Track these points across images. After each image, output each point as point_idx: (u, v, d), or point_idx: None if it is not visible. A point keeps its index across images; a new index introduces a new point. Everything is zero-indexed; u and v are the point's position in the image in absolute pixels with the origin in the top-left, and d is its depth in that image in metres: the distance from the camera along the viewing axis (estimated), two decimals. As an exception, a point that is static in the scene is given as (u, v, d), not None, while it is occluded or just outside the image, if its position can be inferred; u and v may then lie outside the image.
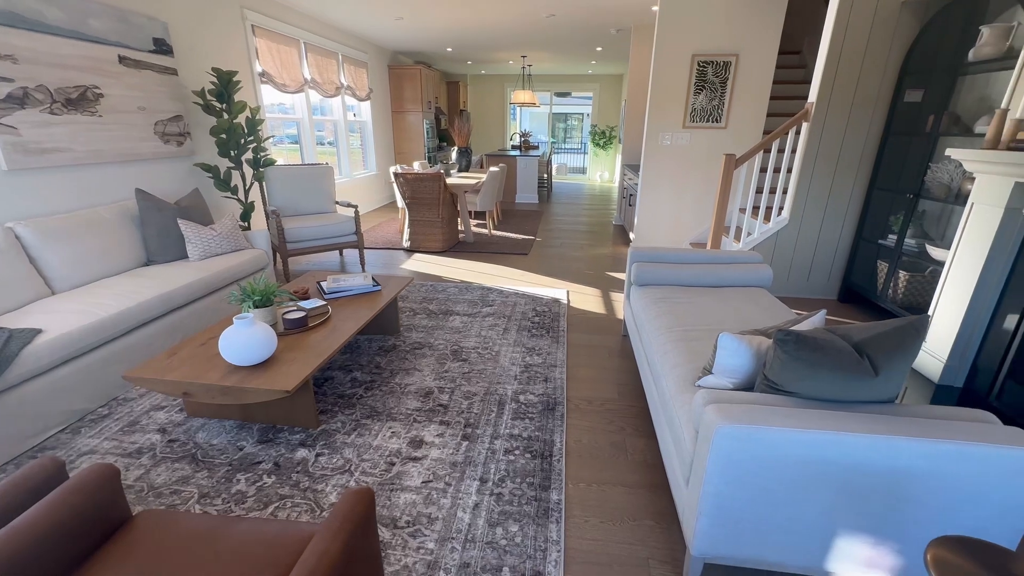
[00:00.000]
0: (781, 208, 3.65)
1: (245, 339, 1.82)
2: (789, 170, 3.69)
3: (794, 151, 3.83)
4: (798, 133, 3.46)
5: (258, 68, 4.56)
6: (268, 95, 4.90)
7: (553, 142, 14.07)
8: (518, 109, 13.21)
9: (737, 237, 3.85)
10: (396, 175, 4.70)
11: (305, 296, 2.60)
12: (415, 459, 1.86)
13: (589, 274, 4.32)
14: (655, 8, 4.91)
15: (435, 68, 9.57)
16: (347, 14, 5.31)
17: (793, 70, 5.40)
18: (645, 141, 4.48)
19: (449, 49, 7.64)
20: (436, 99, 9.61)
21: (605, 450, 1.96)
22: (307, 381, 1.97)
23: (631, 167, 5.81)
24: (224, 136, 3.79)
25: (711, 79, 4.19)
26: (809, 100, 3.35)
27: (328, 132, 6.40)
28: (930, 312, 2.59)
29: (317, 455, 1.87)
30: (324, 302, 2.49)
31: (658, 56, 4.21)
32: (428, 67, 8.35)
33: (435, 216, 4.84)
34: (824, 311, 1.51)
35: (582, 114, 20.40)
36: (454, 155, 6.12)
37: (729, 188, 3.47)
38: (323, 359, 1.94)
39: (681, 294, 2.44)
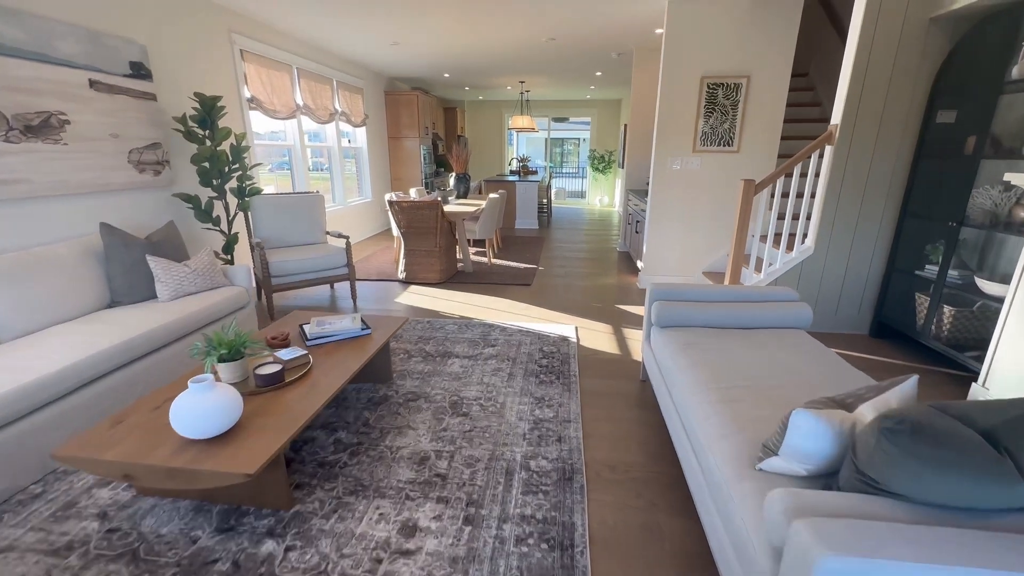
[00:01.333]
0: (805, 236, 3.40)
1: (202, 407, 1.51)
2: (812, 195, 3.45)
3: (817, 175, 3.60)
4: (821, 156, 3.24)
5: (246, 94, 4.35)
6: (258, 121, 4.69)
7: (551, 167, 14.00)
8: (515, 134, 13.18)
9: (758, 268, 3.58)
10: (391, 203, 4.46)
11: (285, 343, 2.29)
12: (407, 553, 1.52)
13: (597, 307, 4.04)
14: (659, 31, 4.77)
15: (432, 94, 9.49)
16: (341, 40, 5.16)
17: (801, 92, 5.25)
18: (653, 166, 4.26)
19: (446, 75, 7.53)
20: (433, 125, 9.50)
21: (636, 535, 1.63)
22: (277, 457, 1.65)
23: (636, 193, 5.59)
24: (206, 164, 3.54)
25: (721, 101, 4.00)
26: (833, 122, 3.13)
27: (324, 158, 6.19)
28: (989, 352, 2.30)
29: (287, 549, 1.53)
30: (305, 351, 2.18)
31: (666, 79, 4.03)
32: (425, 93, 8.25)
33: (432, 246, 4.58)
34: (916, 377, 1.21)
35: (579, 139, 20.55)
36: (452, 181, 5.90)
37: (748, 215, 3.22)
38: (297, 428, 1.62)
39: (710, 339, 2.14)
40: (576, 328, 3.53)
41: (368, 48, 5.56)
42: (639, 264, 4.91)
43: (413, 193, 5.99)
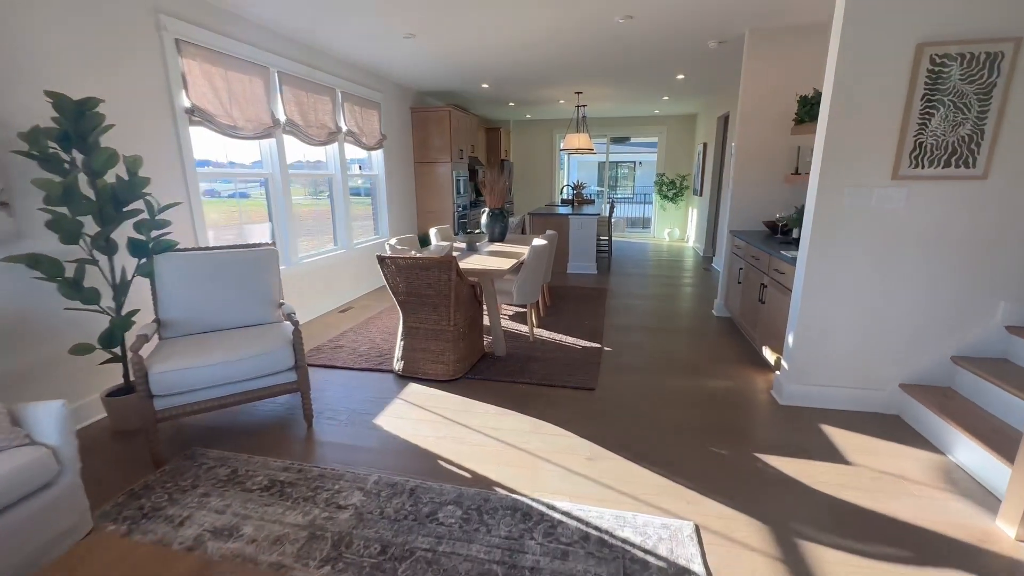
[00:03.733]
0: None
1: None
2: None
3: None
4: None
5: (185, 102, 3.03)
6: (211, 143, 3.38)
7: (610, 193, 12.37)
8: (567, 157, 11.66)
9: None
10: (382, 260, 2.93)
11: None
12: None
13: (719, 456, 2.25)
14: (804, -9, 3.05)
15: (472, 112, 8.16)
16: (337, 31, 3.82)
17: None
18: (814, 202, 2.49)
19: (485, 86, 6.11)
20: (472, 148, 8.13)
21: None
22: None
23: (747, 236, 3.78)
24: (67, 208, 2.17)
25: (957, 87, 2.20)
26: None
27: (325, 185, 4.86)
28: None
29: None
30: None
31: (846, 56, 2.29)
32: (462, 111, 6.88)
33: (443, 323, 2.99)
34: None
35: (634, 162, 18.84)
36: (484, 220, 4.34)
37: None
38: None
39: None
40: (696, 529, 1.77)
41: (377, 45, 4.21)
42: (767, 354, 3.07)
43: (433, 236, 4.50)
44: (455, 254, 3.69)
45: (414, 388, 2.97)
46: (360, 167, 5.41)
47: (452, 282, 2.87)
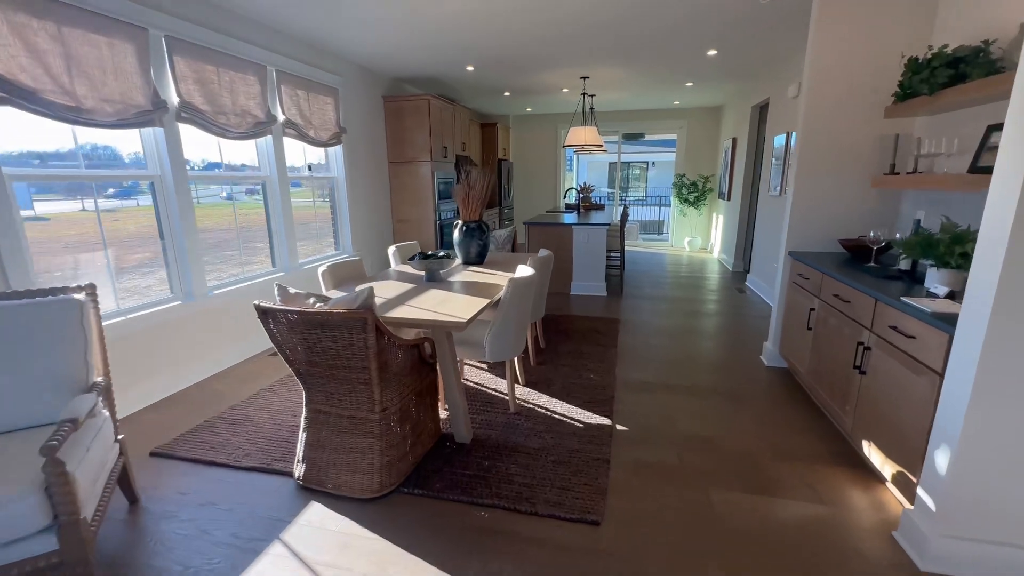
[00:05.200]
0: None
1: None
2: None
3: None
4: None
5: (-27, 67, 2.00)
6: (27, 128, 2.34)
7: (623, 197, 11.27)
8: (575, 157, 10.55)
9: None
10: (264, 313, 1.85)
11: None
12: None
13: None
14: None
15: (462, 105, 7.10)
16: (248, -19, 2.77)
17: None
18: (1011, 220, 1.36)
19: (470, 68, 5.04)
20: (464, 146, 7.07)
21: None
22: None
23: (813, 262, 2.63)
24: None
25: None
26: None
27: (259, 189, 3.81)
28: None
29: None
30: None
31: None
32: (447, 101, 5.81)
33: (363, 407, 1.92)
34: None
35: (647, 162, 17.63)
36: (455, 235, 3.26)
37: None
38: None
39: None
40: None
41: (327, 15, 3.16)
42: (872, 457, 1.92)
43: (392, 258, 3.42)
44: (402, 290, 2.60)
45: (316, 512, 1.88)
46: (311, 168, 4.36)
47: (371, 348, 1.78)
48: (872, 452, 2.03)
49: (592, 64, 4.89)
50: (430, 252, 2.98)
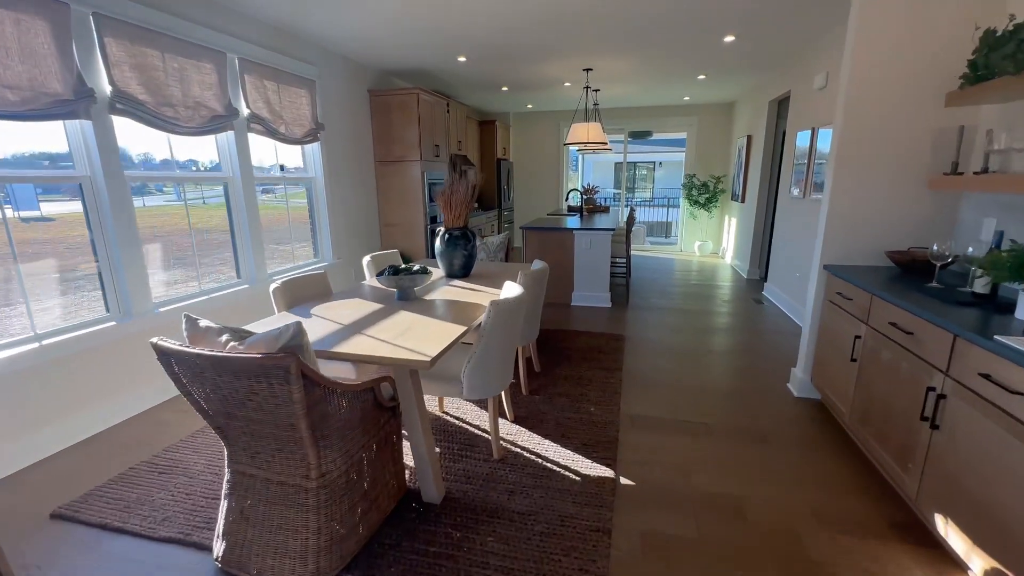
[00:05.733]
0: None
1: None
2: None
3: None
4: None
5: None
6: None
7: (629, 198, 10.83)
8: (580, 157, 10.10)
9: None
10: (162, 354, 1.43)
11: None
12: None
13: None
14: None
15: (458, 101, 6.68)
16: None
17: None
18: None
19: (462, 59, 4.62)
20: (460, 145, 6.66)
21: None
22: None
23: (857, 278, 2.18)
24: None
25: None
26: None
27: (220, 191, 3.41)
28: None
29: None
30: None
31: None
32: (439, 96, 5.40)
33: (296, 472, 1.50)
34: None
35: (654, 162, 17.13)
36: (437, 245, 2.84)
37: None
38: None
39: None
40: None
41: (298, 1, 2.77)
42: (950, 536, 1.47)
43: (366, 269, 3.01)
44: (365, 313, 2.18)
45: (233, 609, 1.47)
46: (283, 168, 3.96)
47: (297, 403, 1.36)
48: (950, 532, 1.58)
49: (595, 54, 4.45)
50: (403, 266, 2.55)
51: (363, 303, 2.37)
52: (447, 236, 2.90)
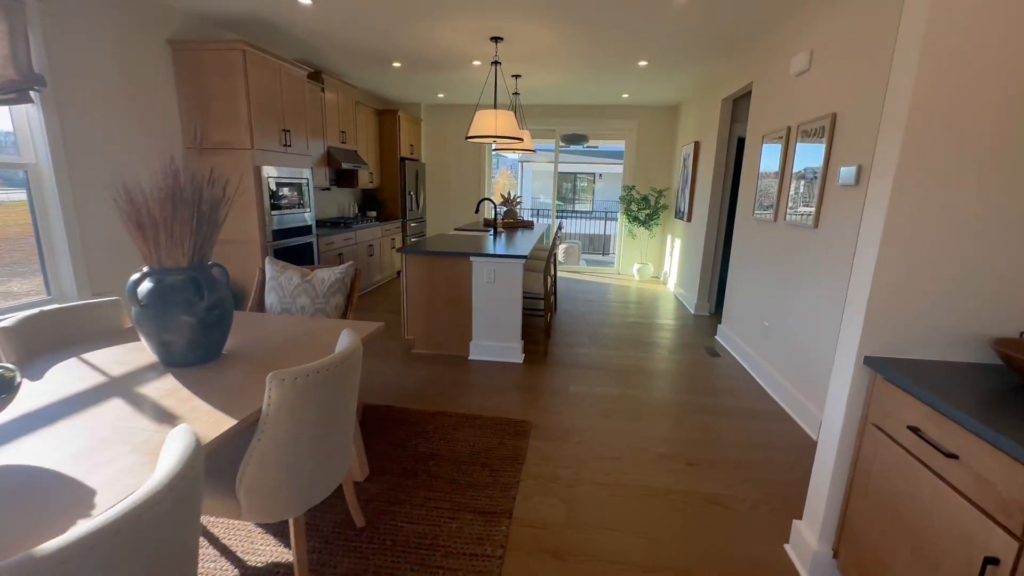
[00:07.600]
0: None
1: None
2: None
3: None
4: None
5: None
6: None
7: (562, 209, 9.77)
8: (520, 165, 8.83)
9: None
10: None
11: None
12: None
13: None
14: None
15: (345, 81, 5.16)
16: None
17: None
18: None
19: (306, 2, 3.15)
20: (344, 135, 5.16)
21: None
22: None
23: (931, 399, 0.99)
24: None
25: None
26: None
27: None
28: None
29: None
30: None
31: None
32: (295, 66, 3.88)
33: None
34: None
35: (594, 173, 16.38)
36: (133, 310, 1.32)
37: None
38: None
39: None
40: None
41: None
42: None
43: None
44: None
45: None
46: (-56, 142, 2.29)
47: None
48: None
49: (504, 15, 3.15)
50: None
51: None
52: (157, 285, 1.42)
